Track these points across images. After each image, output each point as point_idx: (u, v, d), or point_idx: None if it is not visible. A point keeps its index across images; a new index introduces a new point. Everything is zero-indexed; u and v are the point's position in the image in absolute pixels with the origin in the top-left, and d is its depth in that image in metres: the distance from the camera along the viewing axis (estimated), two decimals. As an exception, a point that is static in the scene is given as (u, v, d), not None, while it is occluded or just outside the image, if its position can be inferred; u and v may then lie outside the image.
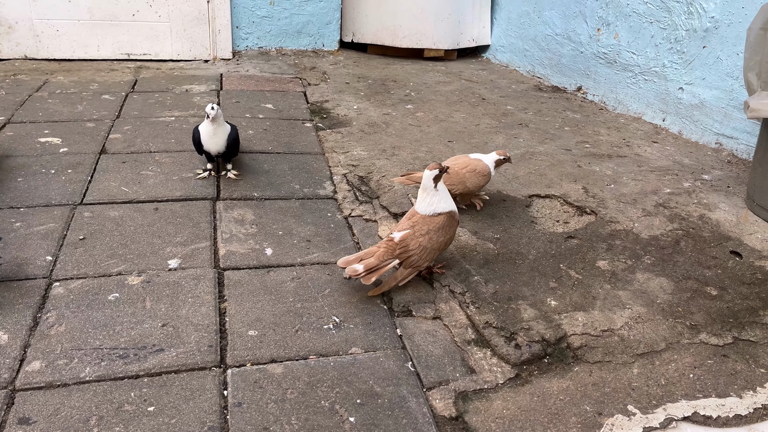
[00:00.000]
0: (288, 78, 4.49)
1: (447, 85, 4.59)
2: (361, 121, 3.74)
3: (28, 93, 3.78)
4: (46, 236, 2.32)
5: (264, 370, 1.79)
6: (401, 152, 3.25)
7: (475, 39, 5.42)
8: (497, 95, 4.41)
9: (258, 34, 4.91)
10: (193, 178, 2.86)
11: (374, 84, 4.49)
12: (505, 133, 3.60)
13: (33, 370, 1.71)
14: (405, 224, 2.16)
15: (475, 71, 5.06)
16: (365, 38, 5.28)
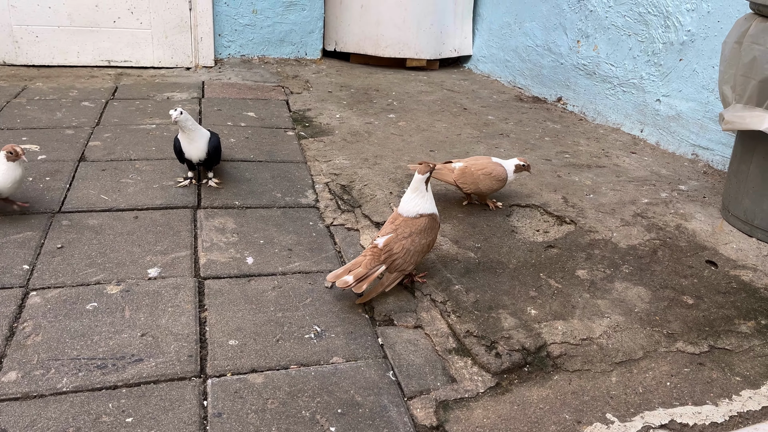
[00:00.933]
0: (270, 86, 4.49)
1: (429, 94, 4.63)
2: (344, 130, 3.75)
3: (5, 99, 3.73)
4: (23, 245, 2.29)
5: (244, 380, 1.78)
6: (383, 161, 3.27)
7: (457, 49, 5.47)
8: (479, 105, 4.45)
9: (240, 42, 4.90)
10: (174, 186, 2.84)
11: (357, 93, 4.51)
12: (486, 143, 3.63)
13: (9, 380, 1.68)
14: (388, 228, 2.17)
15: (456, 81, 5.10)
16: (348, 47, 5.30)
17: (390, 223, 2.18)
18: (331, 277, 2.13)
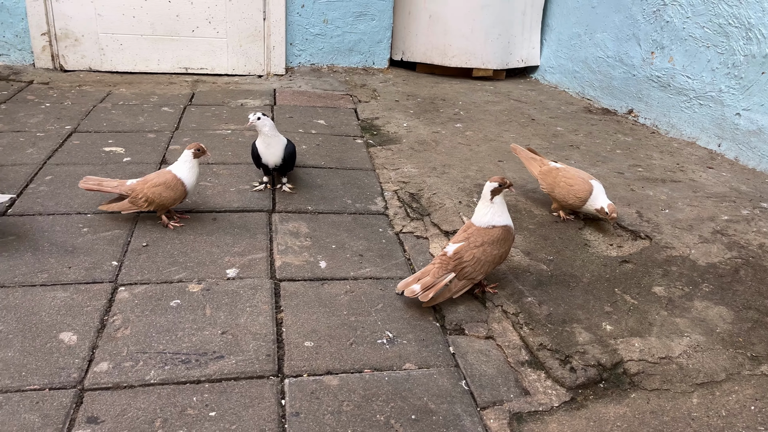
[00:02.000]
0: (339, 95, 4.57)
1: (496, 104, 4.61)
2: (411, 138, 3.78)
3: (92, 104, 3.94)
4: (112, 242, 2.41)
5: (320, 381, 1.82)
6: (452, 170, 3.28)
7: (524, 59, 5.43)
8: (547, 116, 4.40)
9: (311, 51, 5.02)
10: (250, 190, 2.93)
11: (423, 102, 4.54)
12: (556, 154, 3.58)
13: (101, 370, 1.78)
14: (460, 236, 2.18)
15: (523, 91, 5.06)
16: (414, 57, 5.34)
17: (462, 232, 2.20)
18: (401, 285, 2.16)
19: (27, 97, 3.96)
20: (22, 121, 3.55)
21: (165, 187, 2.48)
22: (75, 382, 1.73)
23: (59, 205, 2.63)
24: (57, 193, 2.73)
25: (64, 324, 1.94)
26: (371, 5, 4.97)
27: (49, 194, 2.72)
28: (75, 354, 1.83)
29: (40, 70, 4.49)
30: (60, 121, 3.59)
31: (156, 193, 2.46)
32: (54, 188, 2.77)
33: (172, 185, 2.49)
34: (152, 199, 2.46)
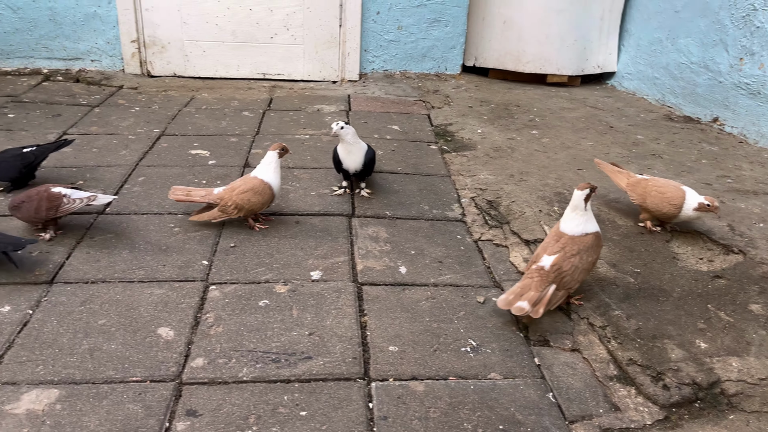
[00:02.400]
0: (412, 101, 4.60)
1: (572, 111, 4.52)
2: (486, 145, 3.76)
3: (178, 108, 4.11)
4: (202, 242, 2.51)
5: (406, 386, 1.83)
6: (530, 178, 3.24)
7: (600, 65, 5.31)
8: (625, 123, 4.28)
9: (384, 58, 5.07)
10: (330, 194, 2.98)
11: (497, 108, 4.50)
12: (637, 164, 3.49)
13: (197, 366, 1.85)
14: (554, 247, 2.15)
15: (600, 98, 4.94)
16: (487, 63, 5.31)
17: (555, 242, 2.16)
18: (503, 304, 2.08)
19: (118, 101, 4.16)
20: (114, 124, 3.73)
21: (253, 192, 2.55)
22: (174, 376, 1.80)
23: (152, 205, 2.75)
24: (149, 194, 2.86)
25: (162, 319, 2.03)
26: (446, 12, 4.97)
27: (143, 195, 2.85)
28: (172, 349, 1.91)
29: (129, 75, 4.71)
30: (149, 124, 3.76)
31: (245, 200, 2.53)
32: (146, 189, 2.91)
33: (260, 190, 2.56)
34: (242, 206, 2.53)
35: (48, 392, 1.71)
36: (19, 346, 1.88)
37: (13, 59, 4.63)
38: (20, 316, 2.01)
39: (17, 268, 2.21)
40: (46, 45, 4.61)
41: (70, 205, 2.38)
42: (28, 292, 2.13)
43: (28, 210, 2.36)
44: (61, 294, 2.13)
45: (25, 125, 3.62)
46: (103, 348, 1.89)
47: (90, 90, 4.38)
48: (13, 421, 1.62)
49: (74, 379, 1.76)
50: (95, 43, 4.65)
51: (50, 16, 4.52)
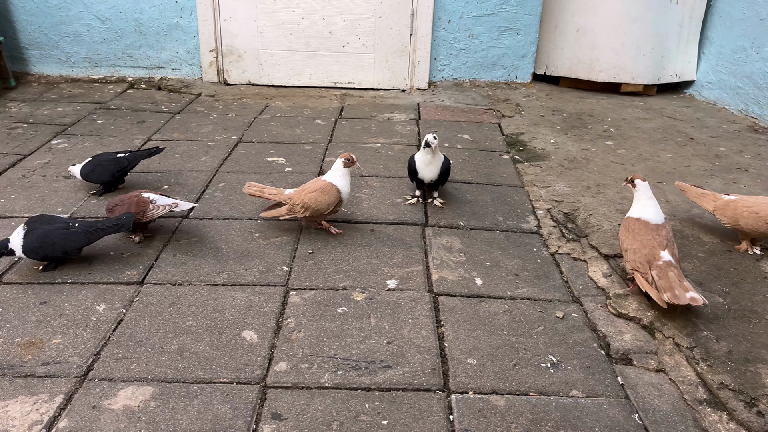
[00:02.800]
0: (482, 109, 4.57)
1: (648, 121, 4.39)
2: (560, 155, 3.70)
3: (253, 115, 4.23)
4: (281, 248, 2.57)
5: (486, 400, 1.82)
6: (607, 190, 3.16)
7: (678, 74, 5.13)
8: (706, 135, 4.12)
9: (454, 66, 5.06)
10: (403, 203, 3.00)
11: (570, 118, 4.42)
12: (721, 177, 3.35)
13: (280, 370, 1.90)
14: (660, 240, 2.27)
15: (677, 108, 4.78)
16: (559, 71, 5.22)
17: (657, 234, 2.29)
18: (677, 299, 2.06)
19: (197, 109, 4.32)
20: (195, 130, 3.88)
21: (321, 192, 2.59)
22: (259, 379, 1.85)
23: (233, 211, 2.84)
24: (230, 200, 2.95)
25: (245, 323, 2.09)
26: (517, 20, 4.93)
27: (224, 200, 2.95)
28: (256, 352, 1.96)
29: (207, 83, 4.89)
30: (227, 131, 3.89)
31: (312, 198, 2.57)
32: (227, 194, 3.00)
33: (327, 190, 2.59)
34: (308, 204, 2.58)
35: (142, 389, 1.79)
36: (114, 344, 1.97)
37: (100, 68, 4.89)
38: (114, 314, 2.11)
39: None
40: (131, 54, 4.84)
41: (155, 211, 2.49)
42: (121, 292, 2.24)
43: (120, 212, 2.48)
44: (152, 294, 2.23)
45: (113, 131, 3.81)
46: (191, 348, 1.96)
47: (171, 97, 4.56)
48: (110, 416, 1.70)
49: (166, 378, 1.84)
50: (176, 52, 4.84)
51: (136, 26, 4.75)
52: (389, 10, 4.76)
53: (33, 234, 2.26)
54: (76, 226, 2.34)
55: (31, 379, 1.82)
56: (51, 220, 2.37)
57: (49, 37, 4.75)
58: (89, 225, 2.37)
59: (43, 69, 4.87)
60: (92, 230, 2.34)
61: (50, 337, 1.99)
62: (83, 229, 2.34)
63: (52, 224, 2.33)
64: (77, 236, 2.31)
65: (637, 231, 2.31)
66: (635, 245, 2.27)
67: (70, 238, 2.30)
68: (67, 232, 2.30)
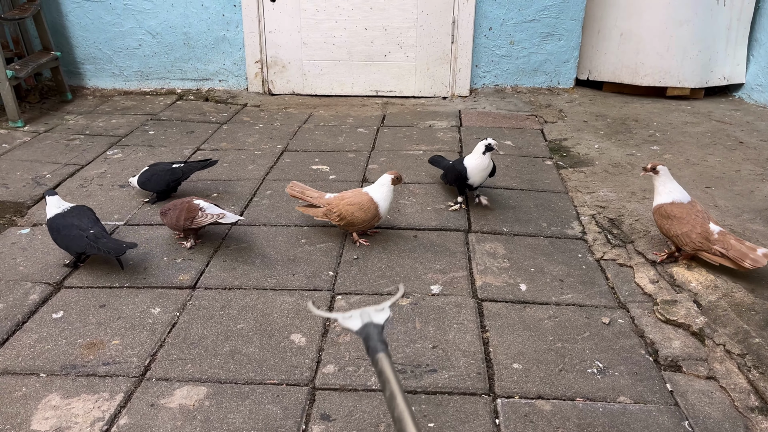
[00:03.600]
0: (524, 115, 4.56)
1: (695, 126, 4.30)
2: (604, 161, 3.66)
3: (297, 125, 4.32)
4: (327, 253, 2.63)
5: (532, 404, 1.83)
6: (652, 195, 3.11)
7: (726, 77, 5.01)
8: (757, 139, 4.02)
9: (495, 73, 5.07)
10: (446, 210, 3.03)
11: (614, 123, 4.37)
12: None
13: (328, 372, 1.94)
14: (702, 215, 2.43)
15: (726, 112, 4.67)
16: (602, 76, 5.17)
17: (696, 209, 2.44)
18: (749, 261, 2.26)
19: (243, 119, 4.44)
20: (241, 140, 3.99)
21: (359, 207, 2.61)
22: (307, 381, 1.91)
23: (280, 218, 2.91)
24: (276, 207, 3.03)
25: (293, 326, 2.15)
26: (559, 25, 4.90)
27: (270, 207, 3.03)
28: (305, 354, 2.01)
29: (252, 93, 5.02)
30: (272, 140, 3.98)
31: (349, 212, 2.61)
32: (274, 202, 3.08)
33: (366, 207, 2.61)
34: (344, 216, 2.61)
35: (197, 389, 1.86)
36: (169, 345, 2.06)
37: (151, 80, 5.07)
38: (169, 317, 2.20)
39: (122, 269, 2.45)
40: (180, 67, 5.01)
41: (203, 218, 2.54)
42: (175, 296, 2.33)
43: (171, 217, 2.58)
44: (203, 299, 2.31)
45: (163, 141, 3.95)
46: (242, 350, 2.03)
47: (218, 108, 4.70)
48: (168, 415, 1.77)
49: (219, 379, 1.91)
50: (223, 64, 4.99)
51: (185, 40, 4.91)
52: (430, 18, 4.81)
53: None
54: (91, 232, 2.39)
55: (93, 378, 1.91)
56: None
57: (104, 51, 4.96)
58: (96, 236, 2.39)
59: (97, 83, 5.08)
60: (94, 240, 2.37)
61: (110, 338, 2.09)
62: (88, 236, 2.38)
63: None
64: (79, 240, 2.38)
65: (678, 215, 2.42)
66: (686, 228, 2.34)
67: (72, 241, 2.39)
68: (70, 235, 2.39)
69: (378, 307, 1.40)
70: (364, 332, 1.33)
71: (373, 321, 1.35)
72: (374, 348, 1.27)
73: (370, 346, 1.29)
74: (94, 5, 4.80)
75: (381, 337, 1.30)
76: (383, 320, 1.36)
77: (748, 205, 2.97)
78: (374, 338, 1.29)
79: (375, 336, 1.30)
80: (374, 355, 1.26)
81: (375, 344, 1.28)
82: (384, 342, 1.29)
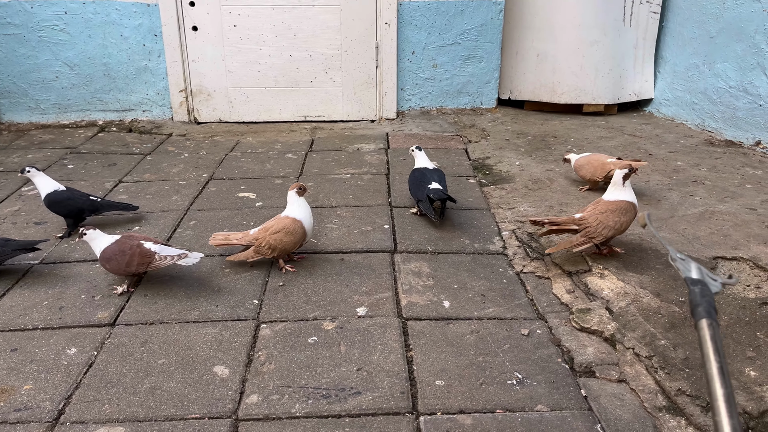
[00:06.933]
0: (449, 136, 4.68)
1: (609, 140, 4.53)
2: (525, 177, 3.80)
3: (224, 152, 4.29)
4: (251, 282, 2.61)
5: (454, 419, 1.87)
6: (569, 209, 3.26)
7: (636, 93, 5.31)
8: (665, 150, 4.27)
9: (420, 95, 5.19)
10: (371, 232, 3.06)
11: (534, 140, 4.55)
12: (678, 191, 3.47)
13: (251, 402, 1.93)
14: (588, 208, 2.72)
15: (637, 126, 4.94)
16: (522, 95, 5.38)
17: (593, 207, 2.72)
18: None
19: (168, 149, 4.38)
20: (166, 170, 3.93)
21: (285, 233, 2.62)
22: (230, 413, 1.88)
23: (204, 248, 2.88)
24: (201, 237, 2.99)
25: (217, 358, 2.13)
26: (479, 48, 5.09)
27: (194, 237, 2.99)
28: (228, 386, 1.99)
29: (178, 123, 4.96)
30: (197, 169, 3.94)
31: (278, 240, 2.62)
32: (198, 232, 3.05)
33: (291, 230, 2.63)
34: (275, 246, 2.62)
35: (114, 430, 1.81)
36: (85, 387, 1.99)
37: (70, 113, 4.93)
38: (86, 357, 2.13)
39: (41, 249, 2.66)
40: (100, 98, 4.90)
41: (161, 262, 2.43)
42: (92, 334, 2.26)
43: (119, 263, 2.43)
44: (123, 335, 2.25)
45: (83, 175, 3.84)
46: (163, 386, 1.99)
47: (142, 138, 4.61)
48: (83, 458, 1.72)
49: (138, 417, 1.86)
50: (146, 94, 4.91)
51: (104, 71, 4.82)
52: (354, 44, 4.90)
53: None
54: None
55: (3, 426, 1.83)
56: None
57: (18, 85, 4.80)
58: (5, 242, 2.60)
59: (13, 117, 4.91)
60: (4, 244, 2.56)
61: (21, 383, 2.01)
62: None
63: None
64: None
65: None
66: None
67: None
68: None
69: (712, 275, 1.18)
70: (698, 285, 1.13)
71: (706, 283, 1.14)
72: (708, 312, 1.07)
73: (701, 306, 1.08)
74: (6, 38, 4.66)
75: (713, 303, 1.10)
76: (714, 291, 1.14)
77: (655, 214, 3.15)
78: (709, 302, 1.09)
79: (710, 299, 1.10)
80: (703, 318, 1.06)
81: (710, 309, 1.08)
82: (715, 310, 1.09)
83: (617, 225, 2.63)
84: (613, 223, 2.62)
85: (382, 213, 3.27)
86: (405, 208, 3.35)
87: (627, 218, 2.66)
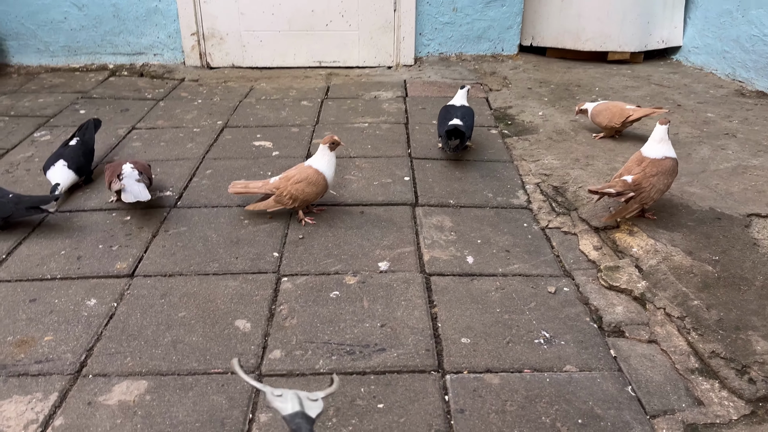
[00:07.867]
0: (469, 84, 4.53)
1: (636, 90, 4.37)
2: (548, 128, 3.68)
3: (238, 99, 4.17)
4: (271, 234, 2.56)
5: (481, 379, 1.83)
6: (596, 162, 3.15)
7: (664, 40, 5.09)
8: (694, 101, 4.11)
9: (439, 41, 5.00)
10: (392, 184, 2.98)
11: (557, 89, 4.39)
12: (709, 144, 3.35)
13: (275, 358, 1.90)
14: (636, 169, 2.51)
15: (665, 75, 4.75)
16: (545, 42, 5.18)
17: (637, 165, 2.53)
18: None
19: (181, 94, 4.26)
20: (179, 117, 3.83)
21: (307, 183, 2.56)
22: (253, 368, 1.86)
23: (221, 198, 2.82)
24: (218, 187, 2.93)
25: (238, 312, 2.09)
26: (502, -9, 4.86)
27: (211, 188, 2.92)
28: (250, 341, 1.96)
29: (190, 67, 4.82)
30: (212, 116, 3.84)
31: (299, 190, 2.55)
32: (215, 182, 2.98)
33: (314, 180, 2.57)
34: (296, 196, 2.55)
35: (137, 383, 1.79)
36: (107, 339, 1.97)
37: (80, 56, 4.80)
38: (106, 309, 2.11)
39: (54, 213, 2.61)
40: (110, 41, 4.76)
41: (114, 185, 2.62)
42: (111, 285, 2.23)
43: (108, 173, 2.74)
44: (142, 287, 2.22)
45: (96, 121, 3.75)
46: (185, 340, 1.96)
47: (154, 84, 4.50)
48: (106, 412, 1.70)
49: (161, 371, 1.84)
50: (157, 37, 4.76)
51: (114, 12, 4.65)
52: (371, -15, 4.69)
53: None
54: (10, 197, 2.51)
55: (25, 378, 1.82)
56: None
57: (27, 26, 4.66)
58: (18, 198, 2.53)
59: (22, 59, 4.78)
60: (19, 203, 2.50)
61: (42, 334, 1.98)
62: (12, 200, 2.51)
63: None
64: (2, 207, 2.48)
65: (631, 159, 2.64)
66: None
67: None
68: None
69: (312, 396, 1.26)
70: (294, 423, 1.19)
71: (305, 411, 1.22)
72: None
73: None
74: (11, -24, 4.49)
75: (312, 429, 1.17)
76: (315, 414, 1.22)
77: (686, 168, 3.04)
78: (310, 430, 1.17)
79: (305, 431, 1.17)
80: None
81: None
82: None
83: (665, 188, 2.52)
84: (664, 186, 2.50)
85: (402, 164, 3.18)
86: (425, 159, 3.26)
87: (673, 179, 2.56)
